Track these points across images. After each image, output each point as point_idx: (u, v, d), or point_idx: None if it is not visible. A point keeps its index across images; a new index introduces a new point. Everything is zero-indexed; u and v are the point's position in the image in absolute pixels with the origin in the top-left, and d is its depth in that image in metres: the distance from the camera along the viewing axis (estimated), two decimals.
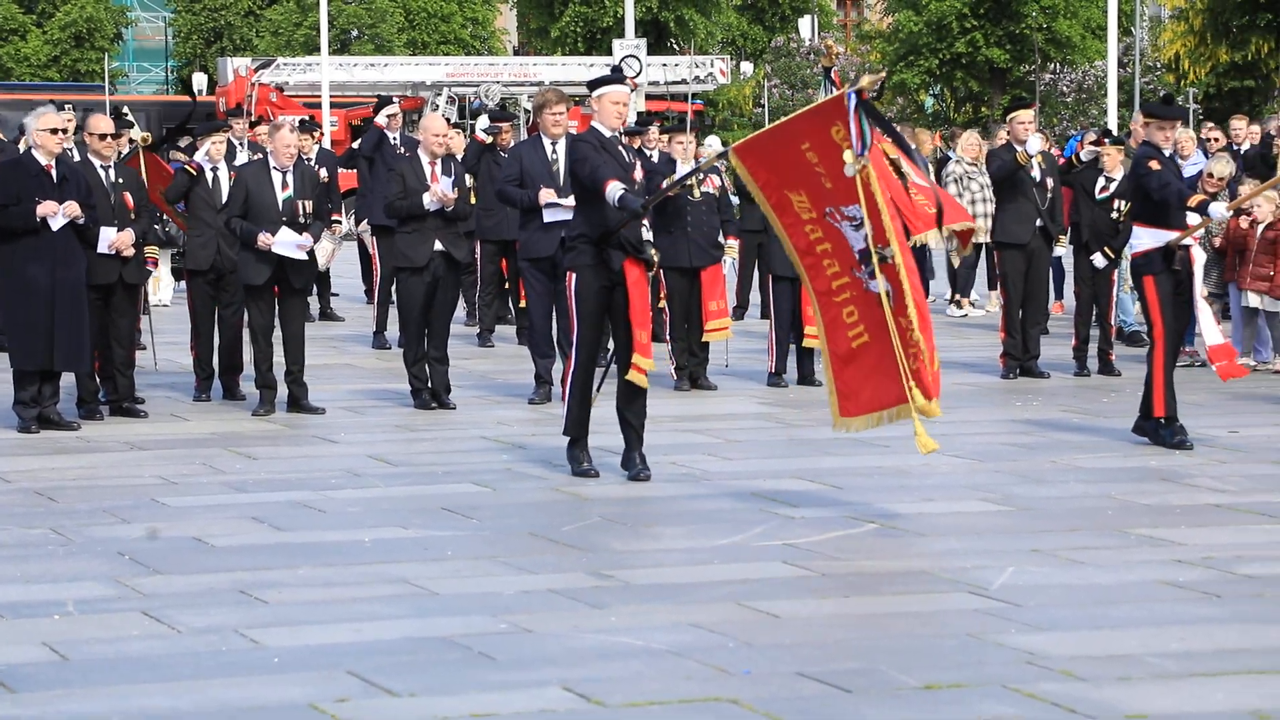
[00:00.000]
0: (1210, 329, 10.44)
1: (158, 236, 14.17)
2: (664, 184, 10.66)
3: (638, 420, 9.41)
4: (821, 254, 8.63)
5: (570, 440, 9.57)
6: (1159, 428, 10.36)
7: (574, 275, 9.38)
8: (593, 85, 9.63)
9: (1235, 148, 16.38)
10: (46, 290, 10.88)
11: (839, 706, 5.67)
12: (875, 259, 8.44)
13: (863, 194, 8.35)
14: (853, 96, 8.33)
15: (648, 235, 9.59)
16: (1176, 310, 10.34)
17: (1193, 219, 10.37)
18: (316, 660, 6.19)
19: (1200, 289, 10.40)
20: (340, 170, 17.90)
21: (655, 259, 9.57)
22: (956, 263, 16.95)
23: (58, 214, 10.84)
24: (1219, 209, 10.37)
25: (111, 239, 11.32)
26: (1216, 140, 16.66)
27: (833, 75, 10.30)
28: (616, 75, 9.85)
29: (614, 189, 9.06)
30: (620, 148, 9.47)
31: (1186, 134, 16.13)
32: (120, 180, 11.57)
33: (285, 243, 11.59)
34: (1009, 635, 6.44)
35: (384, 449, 10.56)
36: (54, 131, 10.99)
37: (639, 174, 9.58)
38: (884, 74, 9.11)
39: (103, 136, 11.56)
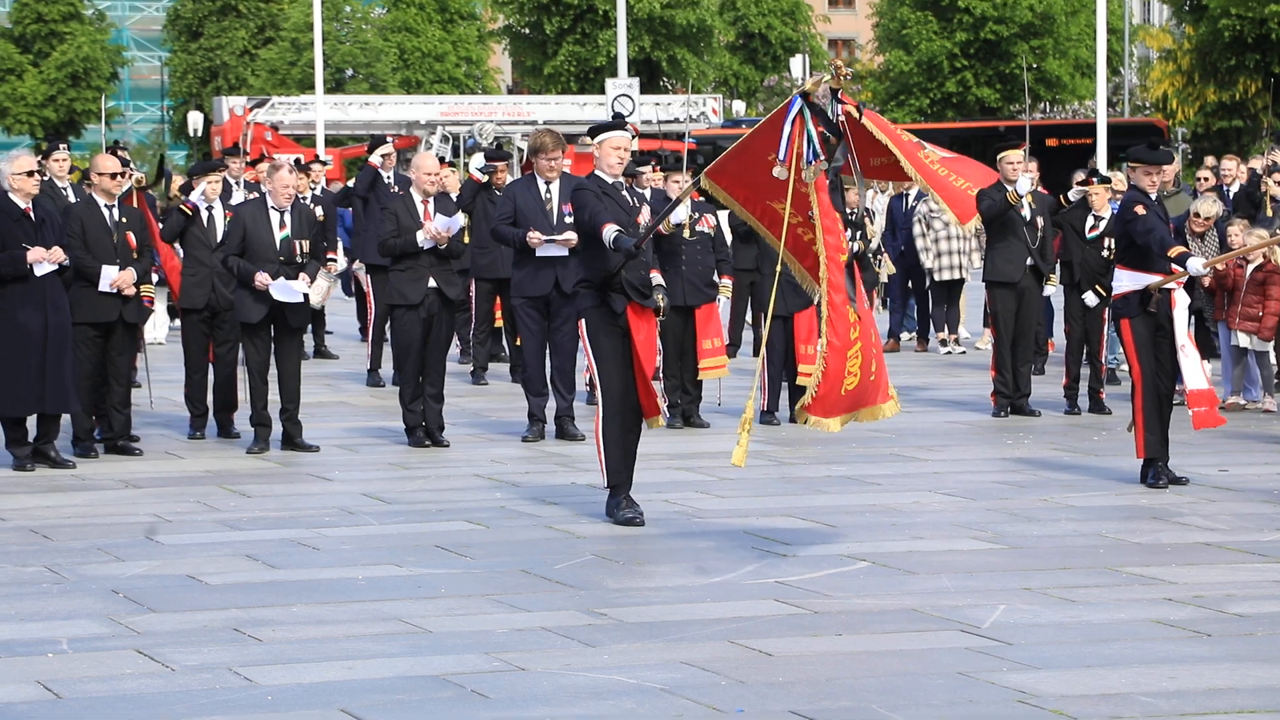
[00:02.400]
0: (1193, 373, 10.40)
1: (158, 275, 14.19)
2: (648, 222, 10.67)
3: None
4: (818, 251, 8.39)
5: (611, 489, 9.34)
6: (1144, 468, 10.38)
7: (583, 320, 9.36)
8: (594, 131, 9.67)
9: (1224, 189, 16.42)
10: (39, 335, 10.88)
11: None
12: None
13: (815, 203, 8.20)
14: (797, 100, 8.17)
15: (658, 280, 9.56)
16: (1159, 352, 10.34)
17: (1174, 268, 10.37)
18: (310, 698, 6.21)
19: (1182, 333, 10.39)
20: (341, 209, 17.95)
21: (663, 304, 9.50)
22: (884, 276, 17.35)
23: (43, 261, 10.87)
24: (1196, 264, 10.36)
25: (113, 277, 11.36)
26: (1205, 180, 16.70)
27: (840, 96, 10.14)
28: (617, 121, 9.86)
29: (609, 231, 9.07)
30: (624, 192, 9.49)
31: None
32: (124, 220, 11.61)
33: (282, 287, 11.64)
34: (1000, 674, 6.47)
35: (378, 487, 10.58)
36: (29, 174, 11.00)
37: (644, 217, 9.60)
38: (829, 77, 8.74)
39: (113, 176, 11.62)
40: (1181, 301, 10.39)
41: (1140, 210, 10.27)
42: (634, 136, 10.27)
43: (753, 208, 8.60)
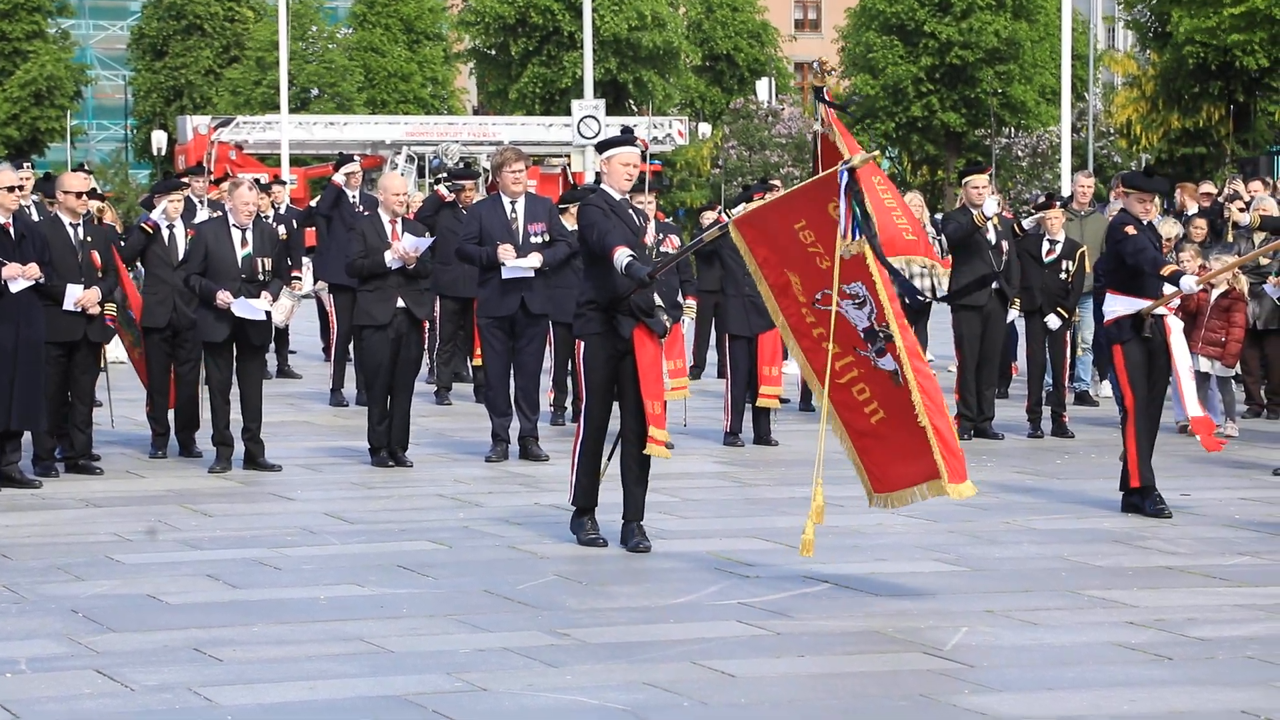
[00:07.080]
0: (1190, 400, 10.38)
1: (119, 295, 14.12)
2: (668, 252, 10.52)
3: (640, 489, 9.15)
4: (819, 337, 8.31)
5: (577, 510, 9.31)
6: (1140, 498, 10.28)
7: (582, 344, 9.08)
8: (601, 147, 9.29)
9: (1185, 214, 16.54)
10: (9, 351, 10.82)
11: None
12: (881, 338, 8.16)
13: (872, 268, 8.05)
14: (845, 174, 8.02)
15: (659, 301, 9.35)
16: (1152, 379, 10.31)
17: (1166, 289, 10.35)
18: (271, 719, 6.17)
19: (1182, 359, 10.35)
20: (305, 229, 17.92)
21: (669, 326, 9.25)
22: None
23: (18, 277, 10.82)
24: (1189, 282, 10.31)
25: (78, 296, 11.31)
26: (1188, 198, 16.88)
27: (825, 95, 10.06)
28: (626, 136, 9.38)
29: (621, 256, 8.75)
30: (631, 210, 9.16)
31: (1087, 179, 16.27)
32: (88, 238, 11.56)
33: (244, 304, 11.61)
34: (962, 696, 6.47)
35: (340, 506, 10.55)
36: (9, 189, 10.96)
37: (650, 236, 9.40)
38: (876, 154, 8.56)
39: (79, 195, 11.56)
40: (1176, 327, 10.32)
41: (1130, 230, 10.23)
42: (644, 153, 9.93)
43: (769, 272, 8.37)
